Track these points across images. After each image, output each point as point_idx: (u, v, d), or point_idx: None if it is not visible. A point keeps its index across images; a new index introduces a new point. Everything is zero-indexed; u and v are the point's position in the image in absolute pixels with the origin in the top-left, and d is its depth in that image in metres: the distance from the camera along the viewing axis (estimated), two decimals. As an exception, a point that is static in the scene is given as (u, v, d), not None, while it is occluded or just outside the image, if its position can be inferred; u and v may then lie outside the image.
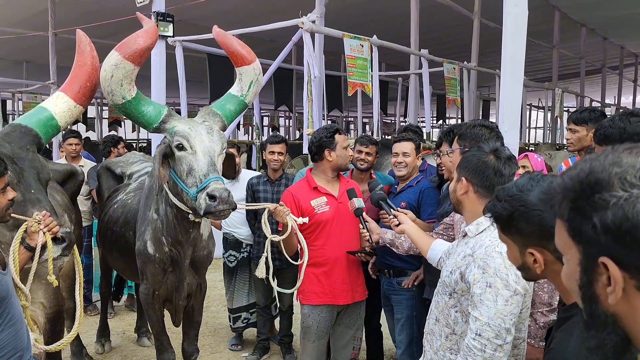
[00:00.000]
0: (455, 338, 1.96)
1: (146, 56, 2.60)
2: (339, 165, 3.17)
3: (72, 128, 7.79)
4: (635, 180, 0.73)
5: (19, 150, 2.28)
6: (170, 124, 2.67)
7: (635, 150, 0.76)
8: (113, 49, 2.53)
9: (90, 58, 2.62)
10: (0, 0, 9.55)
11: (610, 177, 0.75)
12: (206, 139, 2.62)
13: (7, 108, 17.36)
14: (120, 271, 4.05)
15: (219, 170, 2.63)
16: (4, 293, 1.84)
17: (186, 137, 2.60)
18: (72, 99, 2.57)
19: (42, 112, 2.51)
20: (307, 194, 3.12)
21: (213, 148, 2.62)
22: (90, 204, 5.19)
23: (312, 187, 3.14)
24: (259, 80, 2.92)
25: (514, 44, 3.32)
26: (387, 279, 3.25)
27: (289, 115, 20.36)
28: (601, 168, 0.76)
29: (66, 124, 2.60)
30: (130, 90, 2.60)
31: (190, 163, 2.58)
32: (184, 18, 9.86)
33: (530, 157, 3.50)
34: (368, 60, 6.48)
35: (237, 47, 2.87)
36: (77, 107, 2.60)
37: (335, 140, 3.12)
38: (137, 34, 2.57)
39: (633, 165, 0.74)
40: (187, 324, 3.37)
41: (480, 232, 1.94)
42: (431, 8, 9.56)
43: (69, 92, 2.58)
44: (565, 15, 12.51)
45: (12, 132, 2.37)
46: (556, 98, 12.93)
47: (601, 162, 0.77)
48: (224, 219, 2.67)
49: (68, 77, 2.62)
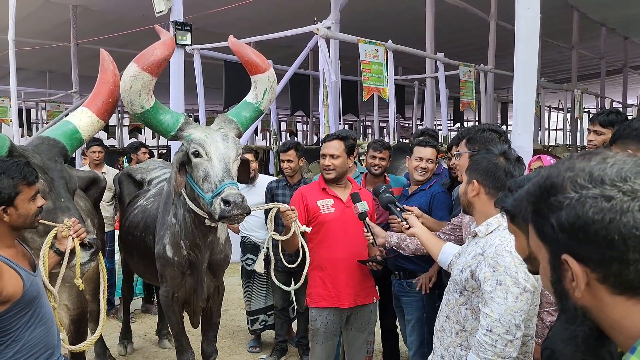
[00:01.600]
0: (465, 335, 2.01)
1: (163, 67, 2.70)
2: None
3: (95, 136, 7.97)
4: (584, 182, 0.79)
5: (48, 162, 2.42)
6: (187, 132, 2.76)
7: (588, 157, 0.83)
8: (132, 61, 2.64)
9: (113, 76, 2.75)
10: (24, 12, 9.81)
11: (563, 181, 0.81)
12: (221, 145, 2.70)
13: (31, 117, 17.79)
14: (141, 275, 4.16)
15: (234, 175, 2.70)
16: (35, 293, 1.95)
17: (202, 145, 2.69)
18: (95, 114, 2.71)
19: (67, 126, 2.64)
20: (316, 194, 3.18)
21: (228, 154, 2.70)
22: (113, 209, 5.31)
23: (321, 188, 3.19)
24: (273, 87, 3.00)
25: (527, 47, 3.33)
26: (398, 280, 3.28)
27: (306, 120, 20.46)
28: (557, 173, 0.83)
29: (89, 137, 2.73)
30: (149, 100, 2.70)
31: (206, 169, 2.66)
32: (202, 26, 10.02)
33: (543, 159, 3.51)
34: (384, 65, 6.52)
35: (251, 56, 2.95)
36: (99, 122, 2.73)
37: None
38: (154, 45, 2.68)
39: (583, 169, 0.81)
40: (206, 326, 3.45)
41: (490, 233, 1.99)
42: (446, 11, 9.56)
43: (93, 108, 2.71)
44: (584, 15, 12.37)
45: (41, 144, 2.51)
46: (576, 99, 12.79)
47: (558, 168, 0.84)
48: (239, 223, 2.74)
49: (91, 93, 2.76)
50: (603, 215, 0.76)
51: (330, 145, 3.14)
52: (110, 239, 5.32)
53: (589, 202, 0.77)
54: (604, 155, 0.82)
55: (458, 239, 2.62)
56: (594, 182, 0.79)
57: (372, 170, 3.67)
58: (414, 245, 2.74)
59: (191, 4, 6.95)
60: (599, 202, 0.77)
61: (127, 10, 10.32)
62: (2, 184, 1.87)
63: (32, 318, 1.93)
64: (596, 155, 0.83)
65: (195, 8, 8.20)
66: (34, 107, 17.02)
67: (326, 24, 6.18)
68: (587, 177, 0.79)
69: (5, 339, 1.87)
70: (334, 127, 6.21)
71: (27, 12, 10.11)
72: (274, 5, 9.23)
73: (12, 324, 1.87)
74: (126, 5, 10.09)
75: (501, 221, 1.98)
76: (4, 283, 1.81)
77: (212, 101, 14.57)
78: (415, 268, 3.17)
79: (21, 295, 1.87)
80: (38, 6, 10.26)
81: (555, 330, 1.05)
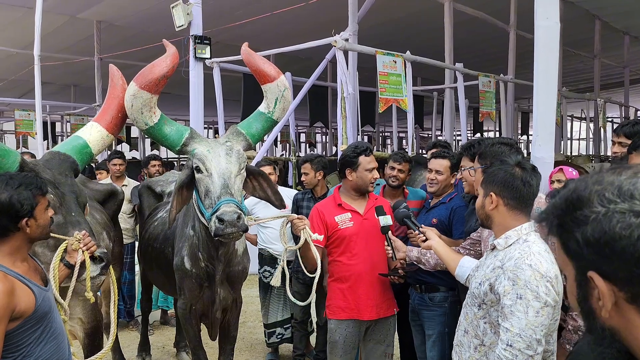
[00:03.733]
0: (484, 349, 1.97)
1: (163, 83, 2.70)
2: (358, 186, 3.13)
3: (117, 149, 8.12)
4: (612, 196, 0.76)
5: (59, 176, 2.43)
6: (191, 146, 2.76)
7: (618, 170, 0.80)
8: (132, 80, 2.66)
9: (122, 91, 2.76)
10: (50, 28, 10.07)
11: (590, 195, 0.78)
12: (223, 160, 2.67)
13: (56, 130, 18.18)
14: (160, 286, 4.18)
15: (237, 191, 2.66)
16: (46, 308, 1.96)
17: (202, 160, 2.68)
18: (105, 129, 2.73)
19: (77, 140, 2.66)
20: (332, 210, 3.15)
21: (229, 169, 2.66)
22: (133, 221, 5.36)
23: (337, 203, 3.17)
24: (285, 96, 2.90)
25: (547, 56, 3.27)
26: (419, 294, 3.23)
27: (325, 131, 20.51)
28: (584, 186, 0.80)
29: (98, 151, 2.75)
30: (152, 117, 2.71)
31: (207, 185, 2.65)
32: (221, 39, 10.16)
33: (565, 170, 3.45)
34: (402, 76, 6.50)
35: (259, 65, 2.90)
36: (109, 136, 2.75)
37: (359, 162, 3.09)
38: (153, 63, 2.69)
39: (612, 183, 0.77)
40: (223, 339, 3.44)
41: (509, 245, 1.95)
42: (465, 22, 9.54)
43: (102, 122, 2.73)
44: (606, 24, 12.22)
45: (52, 159, 2.53)
46: (599, 108, 12.59)
47: (586, 181, 0.81)
48: (235, 240, 2.71)
49: (101, 107, 2.79)
50: (631, 231, 0.73)
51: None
52: (130, 250, 5.37)
53: (617, 217, 0.74)
54: (637, 169, 0.79)
55: (477, 254, 2.58)
56: (622, 196, 0.75)
57: (389, 181, 3.64)
58: (434, 260, 2.71)
59: (211, 17, 7.04)
60: (627, 217, 0.74)
61: (149, 25, 10.53)
62: (23, 196, 1.89)
63: (43, 333, 1.94)
64: (628, 170, 0.80)
65: (214, 22, 8.32)
66: (59, 120, 17.42)
67: (344, 36, 6.20)
68: (615, 191, 0.76)
69: (16, 355, 1.87)
70: (352, 138, 6.21)
71: (52, 28, 10.39)
72: (293, 18, 9.31)
73: (24, 339, 1.88)
74: (148, 21, 10.29)
75: (521, 234, 1.95)
76: (17, 300, 1.82)
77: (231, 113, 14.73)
78: (437, 281, 3.12)
79: (33, 311, 1.88)
80: (63, 22, 10.54)
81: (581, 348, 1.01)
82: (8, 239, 1.91)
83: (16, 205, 1.87)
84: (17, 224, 1.89)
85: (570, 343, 2.34)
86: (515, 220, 1.97)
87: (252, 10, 8.96)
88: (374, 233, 3.02)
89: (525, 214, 1.99)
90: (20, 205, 1.87)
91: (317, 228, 3.07)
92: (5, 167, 2.30)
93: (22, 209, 1.88)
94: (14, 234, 1.90)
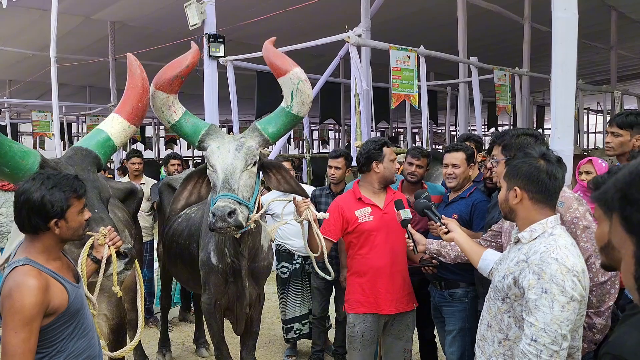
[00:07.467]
0: (509, 344, 1.94)
1: (177, 83, 2.75)
2: (385, 177, 3.18)
3: (134, 148, 8.20)
4: None
5: (81, 172, 2.41)
6: (206, 143, 2.82)
7: None
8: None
9: (141, 80, 2.76)
10: (65, 30, 10.17)
11: None
12: (230, 156, 2.70)
13: (72, 130, 18.39)
14: (184, 282, 4.22)
15: (241, 186, 2.65)
16: (79, 305, 1.99)
17: (209, 156, 2.75)
18: (126, 120, 2.73)
19: (99, 134, 2.67)
20: (352, 204, 3.16)
21: (234, 165, 2.68)
22: (151, 219, 5.41)
23: (357, 198, 3.18)
24: (300, 89, 2.79)
25: (565, 49, 3.23)
26: (439, 290, 3.21)
27: (338, 128, 20.47)
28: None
29: (121, 143, 2.76)
30: (172, 115, 2.80)
31: (214, 180, 2.73)
32: (235, 38, 10.18)
33: (594, 162, 3.40)
34: (414, 71, 6.47)
35: (271, 59, 2.87)
36: (130, 127, 2.75)
37: (383, 153, 3.15)
38: (169, 64, 2.76)
39: None
40: (246, 334, 3.47)
41: (534, 239, 1.92)
42: (479, 15, 9.45)
43: (123, 113, 2.73)
44: (622, 15, 12.02)
45: (74, 155, 2.53)
46: (616, 101, 12.40)
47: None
48: (229, 235, 2.75)
49: (121, 99, 2.79)
50: None
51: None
52: (149, 248, 5.42)
53: None
54: None
55: (499, 246, 2.55)
56: None
57: (408, 177, 3.63)
58: (455, 252, 2.69)
59: (224, 16, 7.06)
60: None
61: (163, 24, 10.59)
62: (55, 197, 1.90)
63: (75, 329, 1.97)
64: None
65: (228, 20, 8.33)
66: (75, 120, 17.62)
67: (357, 32, 6.18)
68: None
69: (50, 350, 1.91)
70: (367, 134, 6.19)
71: (67, 30, 10.49)
72: (306, 15, 9.29)
73: (57, 335, 1.91)
74: (161, 20, 10.35)
75: (546, 227, 1.91)
76: (51, 296, 1.86)
77: (245, 111, 14.77)
78: (457, 278, 3.10)
79: (66, 307, 1.92)
80: (78, 24, 10.63)
81: (623, 333, 0.98)
82: (40, 237, 1.93)
83: (47, 205, 1.89)
84: (47, 223, 1.91)
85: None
86: (540, 214, 1.94)
87: (265, 8, 8.96)
88: (394, 227, 3.02)
89: (550, 207, 1.95)
90: (50, 205, 1.89)
91: (332, 225, 3.09)
92: (26, 168, 2.30)
93: (52, 210, 1.89)
94: (44, 233, 1.93)
